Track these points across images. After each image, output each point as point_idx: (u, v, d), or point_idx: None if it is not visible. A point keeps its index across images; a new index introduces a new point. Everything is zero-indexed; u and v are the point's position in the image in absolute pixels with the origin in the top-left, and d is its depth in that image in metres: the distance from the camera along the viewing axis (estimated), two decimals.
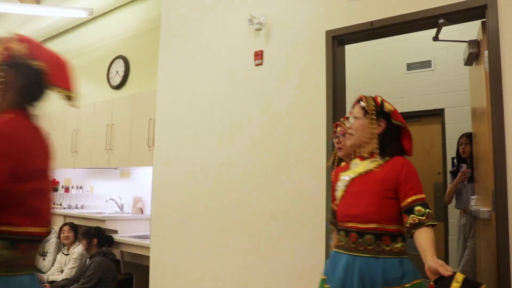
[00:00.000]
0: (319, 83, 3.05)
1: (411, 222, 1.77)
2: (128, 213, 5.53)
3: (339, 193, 1.99)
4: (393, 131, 1.97)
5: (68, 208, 6.27)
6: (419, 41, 5.34)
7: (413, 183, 1.85)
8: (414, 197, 1.80)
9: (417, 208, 1.78)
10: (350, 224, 1.87)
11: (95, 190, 6.40)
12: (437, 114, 5.37)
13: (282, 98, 3.22)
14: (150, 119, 4.80)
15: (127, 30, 6.26)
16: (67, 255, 4.54)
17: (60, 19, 6.95)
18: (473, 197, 3.13)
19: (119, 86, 6.20)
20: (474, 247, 3.56)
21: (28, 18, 7.53)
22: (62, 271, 4.44)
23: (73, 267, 4.36)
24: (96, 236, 4.37)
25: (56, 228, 5.03)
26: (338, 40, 3.04)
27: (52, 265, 4.65)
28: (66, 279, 4.24)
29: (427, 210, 1.78)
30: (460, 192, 3.84)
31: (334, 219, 2.11)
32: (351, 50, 5.16)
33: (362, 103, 2.00)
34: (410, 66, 5.56)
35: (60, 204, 6.52)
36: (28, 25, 7.53)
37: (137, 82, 5.98)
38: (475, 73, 2.99)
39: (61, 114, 6.69)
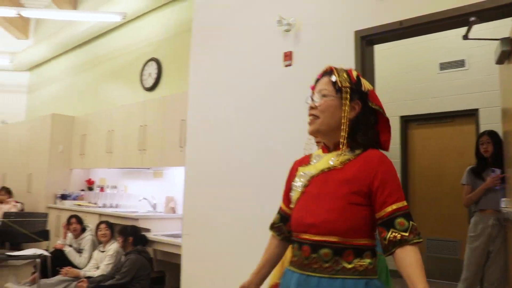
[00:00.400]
0: None
1: (391, 238, 1.37)
2: (161, 212, 5.64)
3: (295, 195, 1.57)
4: (369, 116, 1.55)
5: (103, 207, 6.45)
6: (451, 40, 5.25)
7: (393, 187, 1.42)
8: (394, 206, 1.39)
9: (399, 220, 1.38)
10: (305, 236, 1.47)
11: (129, 189, 6.55)
12: (471, 115, 5.27)
13: None
14: (182, 120, 4.89)
15: (160, 33, 6.40)
16: (103, 252, 4.68)
17: (96, 23, 7.17)
18: (503, 198, 3.05)
19: (151, 88, 6.35)
20: (503, 252, 3.46)
21: (65, 24, 7.80)
22: (98, 268, 4.58)
23: (109, 264, 4.49)
24: (132, 234, 4.48)
25: (91, 226, 5.19)
26: (367, 40, 3.03)
27: (88, 262, 4.80)
28: (102, 275, 4.37)
29: (411, 223, 1.38)
30: (485, 192, 3.65)
31: (279, 223, 1.73)
32: (382, 50, 5.15)
33: (334, 77, 1.57)
34: (443, 66, 5.47)
35: (96, 203, 6.72)
36: (66, 30, 7.80)
37: (169, 84, 6.10)
38: (507, 72, 2.93)
39: (96, 116, 6.89)
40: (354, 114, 1.52)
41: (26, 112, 9.84)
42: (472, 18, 2.59)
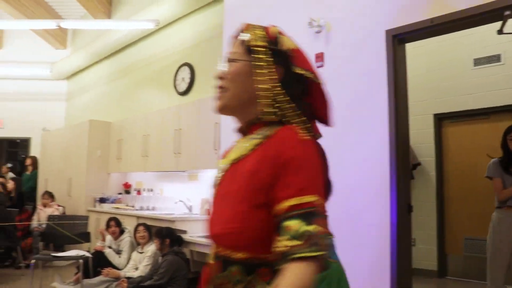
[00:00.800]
0: (381, 83, 3.06)
1: (281, 249, 0.94)
2: (197, 214, 5.71)
3: (212, 195, 1.22)
4: (294, 84, 1.15)
5: (140, 209, 6.60)
6: (485, 35, 5.15)
7: (297, 175, 0.99)
8: (291, 202, 0.96)
9: (287, 223, 0.94)
10: (217, 248, 1.12)
11: (165, 192, 6.68)
12: (508, 110, 5.15)
13: (343, 99, 3.25)
14: (216, 123, 4.98)
15: (192, 38, 6.52)
16: (141, 253, 4.81)
17: (129, 31, 7.37)
18: None
19: (185, 92, 6.47)
20: None
21: (100, 33, 8.05)
22: (136, 269, 4.71)
23: (147, 264, 4.61)
24: (168, 236, 4.57)
25: (129, 228, 5.33)
26: (398, 39, 3.03)
27: (127, 263, 4.94)
28: (141, 276, 4.49)
29: (307, 227, 0.93)
30: None
31: None
32: (415, 47, 5.10)
33: (244, 35, 1.18)
34: (477, 61, 5.37)
35: (133, 206, 6.89)
36: (101, 39, 8.04)
37: (202, 87, 6.21)
38: None
39: (131, 121, 7.07)
40: (274, 82, 1.12)
41: (65, 119, 10.18)
42: (507, 12, 2.56)
